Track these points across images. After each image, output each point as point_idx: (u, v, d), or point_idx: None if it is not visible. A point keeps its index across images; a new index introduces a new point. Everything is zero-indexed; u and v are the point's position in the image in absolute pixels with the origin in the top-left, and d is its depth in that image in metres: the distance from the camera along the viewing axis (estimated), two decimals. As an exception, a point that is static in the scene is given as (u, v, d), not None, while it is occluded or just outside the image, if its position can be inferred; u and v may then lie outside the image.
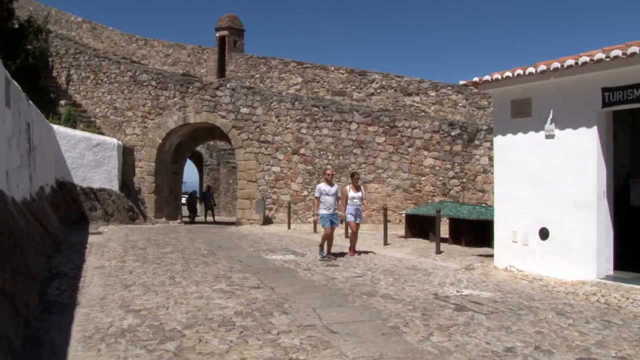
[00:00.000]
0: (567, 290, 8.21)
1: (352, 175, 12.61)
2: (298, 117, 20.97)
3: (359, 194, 12.15)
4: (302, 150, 20.91)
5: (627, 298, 7.53)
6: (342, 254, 12.14)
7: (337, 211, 11.84)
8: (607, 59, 7.92)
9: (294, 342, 5.39)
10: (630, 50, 7.62)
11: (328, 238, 11.70)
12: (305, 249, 13.02)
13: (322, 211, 11.68)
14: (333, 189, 11.85)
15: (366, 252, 12.61)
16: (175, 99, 22.31)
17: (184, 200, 29.57)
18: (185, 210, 28.36)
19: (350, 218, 12.06)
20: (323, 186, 11.86)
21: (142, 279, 8.61)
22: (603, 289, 7.99)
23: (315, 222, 12.19)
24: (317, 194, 11.86)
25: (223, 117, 21.60)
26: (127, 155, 21.42)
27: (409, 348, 5.26)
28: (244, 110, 21.34)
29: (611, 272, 8.69)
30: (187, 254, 11.90)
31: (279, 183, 21.04)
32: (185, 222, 24.96)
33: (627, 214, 9.26)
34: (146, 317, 6.28)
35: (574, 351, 5.33)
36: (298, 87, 28.67)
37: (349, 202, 11.98)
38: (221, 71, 32.33)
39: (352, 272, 9.77)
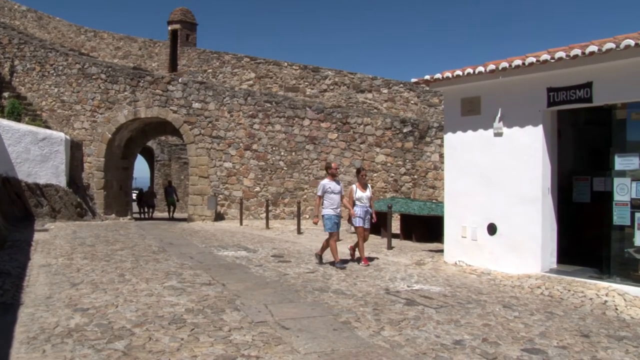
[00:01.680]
0: (514, 283, 8.45)
1: (358, 171, 10.73)
2: (251, 113, 20.87)
3: (367, 193, 10.45)
4: (254, 146, 20.82)
5: (569, 290, 7.81)
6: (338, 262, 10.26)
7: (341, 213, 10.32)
8: (552, 60, 8.16)
9: (246, 338, 5.37)
10: (572, 53, 7.88)
11: (334, 244, 10.07)
12: (257, 245, 12.98)
13: (328, 211, 9.98)
14: (339, 187, 10.21)
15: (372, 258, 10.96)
16: (125, 93, 21.86)
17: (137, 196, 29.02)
18: (136, 207, 27.83)
19: (358, 222, 10.27)
20: (327, 183, 10.11)
21: (91, 277, 8.43)
22: (547, 282, 8.26)
23: (315, 223, 10.47)
24: (319, 192, 10.17)
25: (175, 112, 21.29)
26: (75, 150, 20.87)
27: (360, 343, 5.32)
28: (196, 105, 21.09)
29: (555, 265, 8.98)
30: (138, 250, 11.71)
31: (231, 179, 20.90)
32: (136, 219, 24.51)
33: (570, 210, 9.57)
34: (94, 315, 6.15)
35: (519, 342, 5.49)
36: (251, 82, 28.52)
37: (356, 203, 10.32)
38: (173, 65, 31.86)
39: (304, 268, 9.80)
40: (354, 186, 10.48)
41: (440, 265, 10.11)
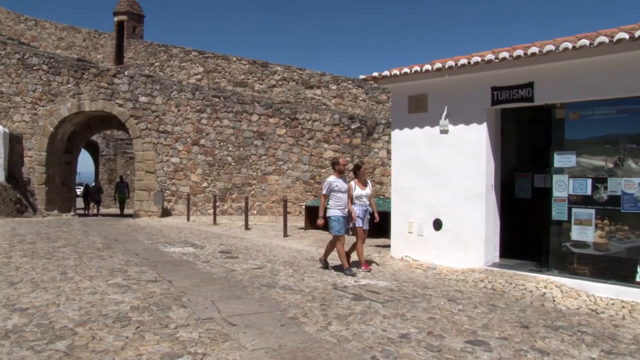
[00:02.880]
0: (458, 277, 8.64)
1: (357, 167, 9.77)
2: (199, 108, 20.62)
3: (367, 190, 9.58)
4: (202, 141, 20.59)
5: (510, 283, 8.05)
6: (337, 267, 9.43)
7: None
8: (496, 60, 8.37)
9: (192, 335, 5.32)
10: (515, 53, 8.10)
11: (342, 248, 9.26)
12: (204, 241, 12.85)
13: (336, 212, 9.08)
14: (347, 185, 9.34)
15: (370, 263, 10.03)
16: (69, 85, 21.23)
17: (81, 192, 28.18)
18: (80, 203, 27.05)
19: (358, 223, 9.39)
20: (334, 180, 9.20)
21: (31, 275, 8.16)
22: (490, 275, 8.48)
23: (320, 224, 9.30)
24: (325, 191, 9.19)
25: (120, 105, 20.83)
26: (14, 144, 20.17)
27: (308, 338, 5.34)
28: (142, 99, 20.69)
29: (497, 259, 9.24)
30: (81, 247, 11.42)
31: (178, 174, 20.61)
32: (80, 215, 23.88)
33: (512, 206, 9.86)
34: (34, 315, 5.95)
35: (463, 335, 5.63)
36: (199, 76, 28.18)
37: (355, 201, 9.41)
38: (119, 58, 31.15)
39: (251, 264, 9.76)
40: (352, 183, 9.52)
41: (387, 260, 10.25)
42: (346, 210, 9.17)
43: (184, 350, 4.85)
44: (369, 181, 9.90)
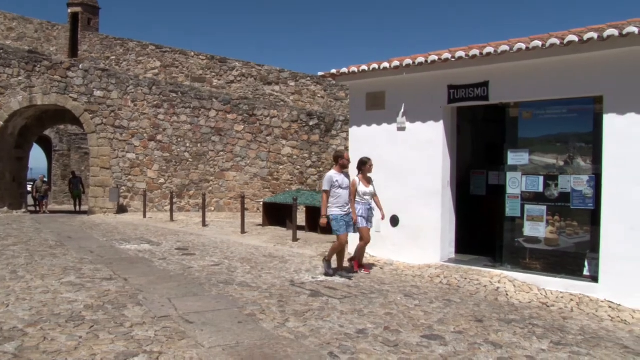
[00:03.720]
0: (415, 273, 8.76)
1: (362, 163, 8.98)
2: (155, 103, 20.31)
3: (371, 188, 8.98)
4: (159, 137, 20.29)
5: (465, 278, 8.21)
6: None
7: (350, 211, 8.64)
8: (453, 59, 8.50)
9: (148, 334, 5.25)
10: (471, 53, 8.24)
11: (342, 248, 8.67)
12: (161, 238, 12.69)
13: (335, 210, 8.39)
14: (348, 181, 8.62)
15: (371, 266, 9.42)
16: (20, 78, 20.60)
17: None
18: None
19: (361, 223, 8.80)
20: (335, 175, 8.46)
21: (-21, 273, 7.92)
22: (446, 271, 8.63)
23: (322, 225, 8.51)
24: (326, 187, 8.41)
25: (75, 99, 20.33)
26: (-39, 138, 19.47)
27: (265, 335, 5.34)
28: (98, 93, 20.24)
29: (453, 255, 9.40)
30: (33, 245, 11.13)
31: (134, 170, 20.26)
32: (32, 212, 23.23)
33: (467, 202, 10.04)
34: (-18, 315, 5.78)
35: (419, 329, 5.71)
36: (156, 71, 27.75)
37: (358, 199, 8.79)
38: (73, 51, 30.38)
39: (209, 260, 9.69)
40: (356, 179, 8.85)
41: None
42: (347, 208, 8.44)
43: (139, 349, 4.79)
44: (372, 179, 9.15)
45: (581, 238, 7.90)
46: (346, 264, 9.05)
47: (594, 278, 7.47)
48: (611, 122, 7.26)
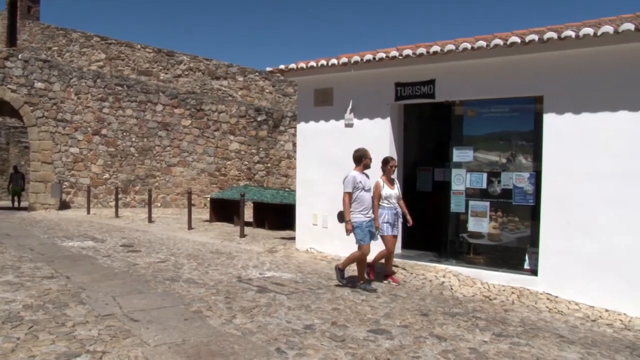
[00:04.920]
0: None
1: (385, 162, 8.07)
2: (100, 96, 19.80)
3: (396, 190, 8.05)
4: (103, 131, 19.80)
5: (412, 273, 8.35)
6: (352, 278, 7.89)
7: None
8: (400, 57, 8.61)
9: (92, 333, 5.12)
10: (418, 51, 8.37)
11: (364, 259, 7.68)
12: (105, 235, 12.41)
13: (358, 216, 7.40)
14: (370, 182, 7.74)
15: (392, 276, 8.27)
16: (-48, 68, 19.75)
17: None
18: None
19: (386, 230, 7.86)
20: (358, 175, 7.53)
21: None
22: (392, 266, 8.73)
23: (348, 232, 7.43)
24: (348, 188, 7.40)
25: (13, 91, 19.59)
26: None
27: (212, 332, 5.29)
28: (38, 85, 19.55)
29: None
30: (-33, 242, 10.70)
31: (78, 165, 19.71)
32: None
33: (414, 199, 10.18)
34: None
35: (366, 324, 5.78)
36: (101, 63, 27.03)
37: (383, 203, 7.86)
38: (12, 40, 29.24)
39: (154, 257, 9.53)
40: (380, 181, 7.92)
41: (292, 252, 10.32)
42: (370, 213, 7.56)
43: (82, 349, 4.67)
44: (395, 179, 8.33)
45: (522, 233, 8.15)
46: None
47: (534, 271, 7.73)
48: (550, 122, 7.51)
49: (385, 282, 7.99)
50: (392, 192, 7.94)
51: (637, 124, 6.86)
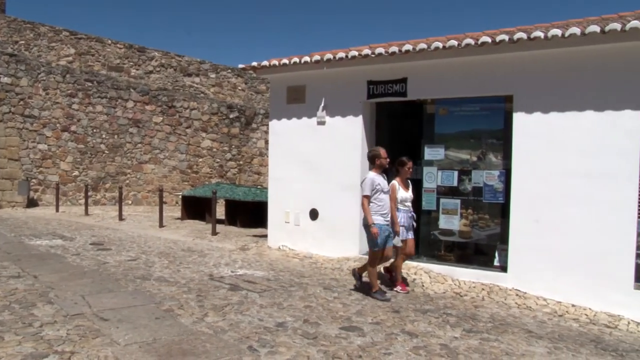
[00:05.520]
0: (334, 266, 8.86)
1: (402, 163, 7.67)
2: (69, 92, 19.48)
3: (410, 193, 7.72)
4: (73, 128, 19.48)
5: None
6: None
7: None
8: (372, 55, 8.64)
9: (60, 333, 5.04)
10: (391, 50, 8.42)
11: (375, 265, 7.25)
12: (74, 233, 12.22)
13: (378, 219, 7.01)
14: (387, 184, 7.36)
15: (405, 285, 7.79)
16: None
17: None
18: None
19: (402, 234, 7.51)
20: (375, 177, 7.13)
21: None
22: (364, 263, 8.77)
23: (375, 236, 6.90)
24: (367, 191, 7.01)
25: (-23, 86, 19.19)
26: None
27: (184, 330, 5.26)
28: (5, 79, 19.15)
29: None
30: None
31: (46, 162, 19.37)
32: None
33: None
34: None
35: (338, 321, 5.80)
36: (70, 59, 26.54)
37: (398, 206, 7.48)
38: (-25, 34, 28.60)
39: (125, 255, 9.43)
40: (395, 183, 7.54)
41: (264, 250, 10.30)
42: (389, 216, 7.17)
43: (49, 350, 4.59)
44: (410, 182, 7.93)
45: (492, 230, 8.27)
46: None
47: (504, 268, 7.83)
48: (520, 120, 7.62)
49: (395, 289, 7.50)
50: (408, 194, 7.62)
51: (603, 124, 7.02)
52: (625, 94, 6.89)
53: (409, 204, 7.62)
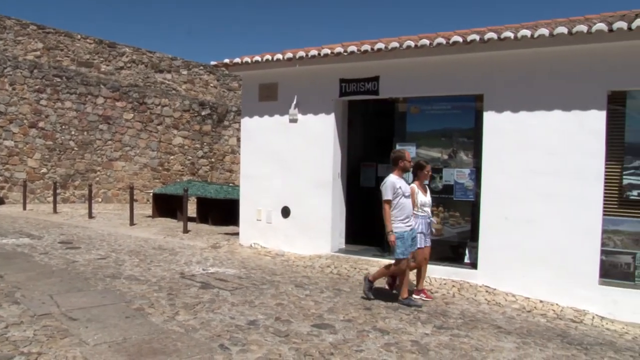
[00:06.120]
0: (306, 264, 8.88)
1: (420, 167, 7.22)
2: (37, 87, 19.10)
3: (429, 197, 7.32)
4: (41, 124, 19.12)
5: (355, 268, 8.43)
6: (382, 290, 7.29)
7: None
8: (345, 53, 8.67)
9: (26, 334, 4.94)
10: (363, 48, 8.45)
11: (407, 272, 6.91)
12: (42, 231, 12.00)
13: (400, 226, 6.63)
14: (409, 188, 6.98)
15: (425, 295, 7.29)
16: None
17: None
18: None
19: (421, 241, 7.11)
20: (397, 181, 6.73)
21: None
22: (336, 261, 8.81)
23: (392, 244, 6.63)
24: (388, 195, 6.62)
25: (-59, 81, 18.72)
26: None
27: (154, 329, 5.22)
28: (-32, 74, 18.75)
29: (343, 245, 9.62)
30: None
31: (13, 159, 18.97)
32: None
33: (357, 194, 10.30)
34: None
35: (310, 319, 5.81)
36: (38, 53, 26.02)
37: (416, 211, 7.06)
38: (-62, 27, 27.88)
39: (95, 254, 9.30)
40: (414, 186, 7.11)
41: (236, 248, 10.26)
42: (412, 222, 6.76)
43: (15, 351, 4.49)
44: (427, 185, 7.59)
45: (463, 228, 8.36)
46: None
47: (474, 265, 7.94)
48: (490, 119, 7.73)
49: (417, 297, 7.11)
50: (426, 199, 7.20)
51: (570, 123, 7.15)
52: (591, 94, 7.03)
53: (428, 209, 7.20)
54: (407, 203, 6.68)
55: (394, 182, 6.66)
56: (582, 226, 7.05)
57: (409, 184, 7.06)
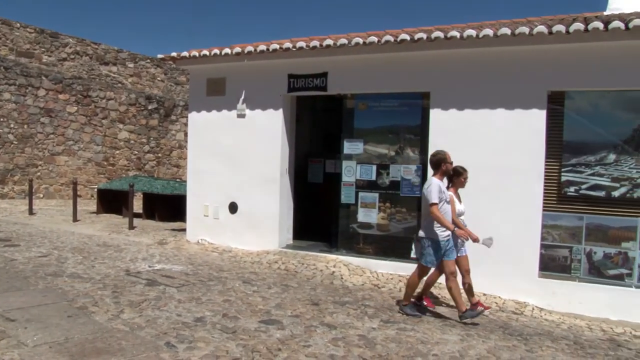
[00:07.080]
0: (253, 260, 8.85)
1: (457, 173, 6.60)
2: (-28, 78, 18.37)
3: (463, 205, 6.81)
4: (-23, 116, 18.41)
5: (302, 264, 8.46)
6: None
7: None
8: (293, 49, 8.66)
9: (-40, 335, 4.76)
10: (312, 44, 8.47)
11: (417, 281, 6.52)
12: (-21, 228, 11.57)
13: (439, 233, 6.20)
14: (449, 194, 6.47)
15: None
16: None
17: None
18: None
19: (463, 249, 6.70)
20: (442, 184, 6.29)
21: None
22: (284, 257, 8.82)
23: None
24: (435, 199, 6.07)
25: None
26: None
27: (98, 328, 5.10)
28: None
29: (291, 241, 9.64)
30: None
31: (-54, 152, 18.21)
32: None
33: (305, 190, 10.33)
34: None
35: (257, 315, 5.80)
36: (-27, 43, 25.06)
37: (457, 219, 6.56)
38: None
39: (35, 252, 9.02)
40: (451, 193, 6.56)
41: (183, 244, 10.14)
42: (448, 231, 6.19)
43: (-51, 353, 4.33)
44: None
45: (409, 223, 8.50)
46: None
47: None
48: (436, 117, 7.88)
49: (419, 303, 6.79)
50: (462, 208, 6.73)
51: (512, 122, 7.37)
52: (532, 94, 7.25)
53: (464, 217, 6.75)
54: (448, 209, 6.30)
55: (439, 185, 6.18)
56: (524, 222, 7.28)
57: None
